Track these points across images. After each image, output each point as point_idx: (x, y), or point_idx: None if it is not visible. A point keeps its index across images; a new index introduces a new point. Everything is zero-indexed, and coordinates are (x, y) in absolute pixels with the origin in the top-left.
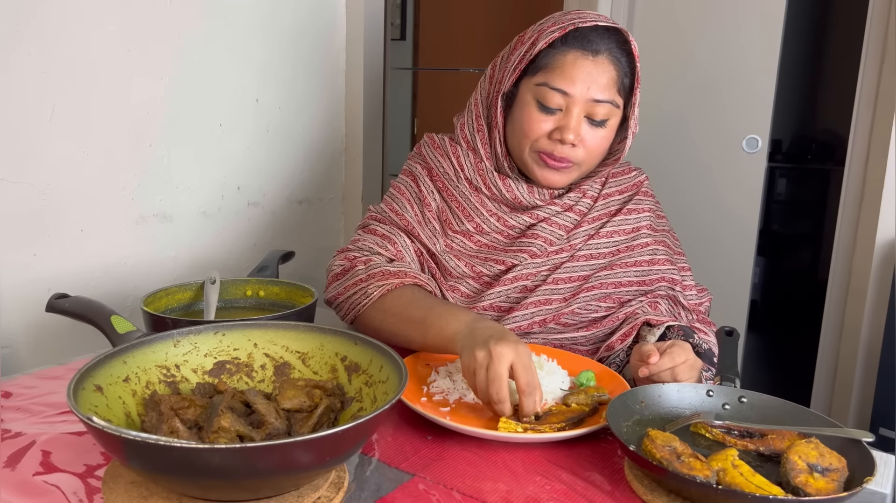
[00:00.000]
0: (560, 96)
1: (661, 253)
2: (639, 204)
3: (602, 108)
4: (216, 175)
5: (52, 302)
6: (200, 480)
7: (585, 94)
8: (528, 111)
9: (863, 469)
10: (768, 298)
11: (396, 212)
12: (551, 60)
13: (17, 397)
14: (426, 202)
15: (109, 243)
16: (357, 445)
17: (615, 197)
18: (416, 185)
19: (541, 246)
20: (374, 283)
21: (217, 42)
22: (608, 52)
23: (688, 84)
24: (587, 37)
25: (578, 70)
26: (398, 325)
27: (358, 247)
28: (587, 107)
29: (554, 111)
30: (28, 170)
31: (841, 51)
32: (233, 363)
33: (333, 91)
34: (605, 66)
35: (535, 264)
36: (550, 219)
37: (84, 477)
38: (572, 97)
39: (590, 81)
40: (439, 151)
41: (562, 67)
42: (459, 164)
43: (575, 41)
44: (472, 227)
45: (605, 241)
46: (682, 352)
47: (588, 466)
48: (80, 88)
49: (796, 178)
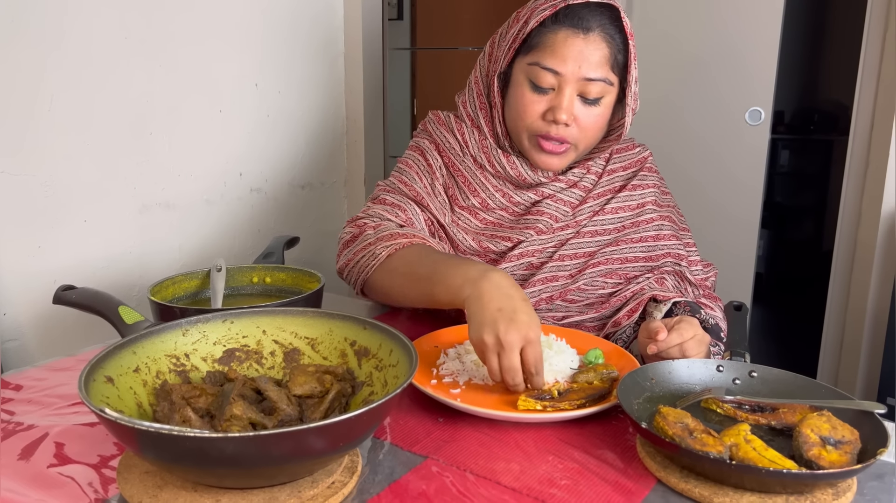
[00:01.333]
0: (551, 76)
1: (666, 228)
2: (643, 180)
3: (595, 87)
4: (218, 162)
5: (59, 294)
6: (215, 469)
7: (577, 73)
8: (521, 91)
9: (876, 440)
10: (773, 271)
11: (406, 183)
12: (542, 39)
13: (28, 390)
14: (434, 175)
15: (113, 233)
16: (370, 430)
17: (619, 173)
18: (424, 158)
19: (547, 222)
20: (381, 244)
21: (215, 28)
22: (600, 29)
23: (690, 58)
24: (578, 14)
25: (569, 48)
26: (406, 285)
27: (368, 214)
28: (580, 85)
29: (546, 91)
30: (29, 162)
31: (843, 20)
32: (242, 350)
33: (333, 74)
34: (598, 43)
35: (541, 240)
36: (555, 195)
37: (98, 467)
38: (563, 76)
39: (581, 60)
40: (445, 127)
41: (552, 46)
42: (464, 141)
43: (566, 19)
44: (477, 202)
45: (610, 218)
46: (690, 327)
47: (600, 444)
48: (78, 78)
49: (800, 150)
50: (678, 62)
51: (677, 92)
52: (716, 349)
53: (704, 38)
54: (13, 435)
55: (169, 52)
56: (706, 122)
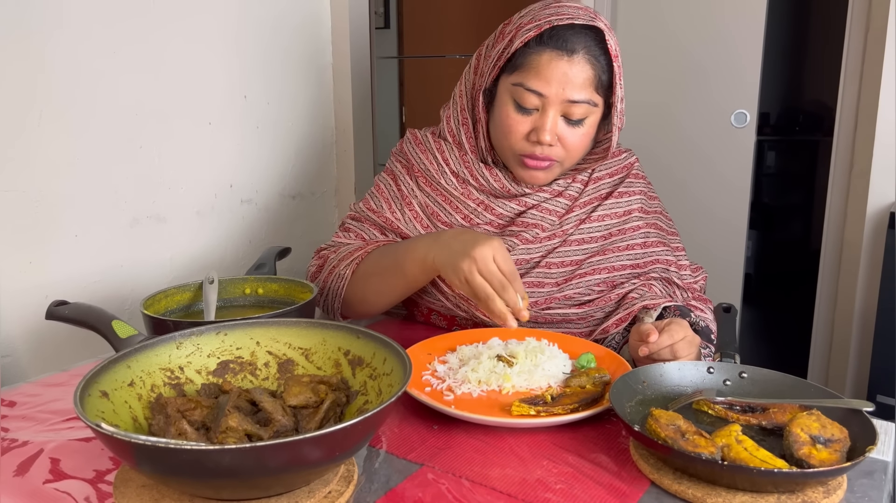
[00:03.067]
0: (535, 97)
1: (653, 235)
2: (630, 187)
3: (579, 108)
4: (208, 174)
5: (51, 309)
6: (212, 481)
7: (561, 95)
8: (505, 111)
9: (864, 438)
10: (762, 271)
11: (373, 209)
12: (527, 60)
13: (21, 405)
14: (407, 201)
15: (105, 247)
16: (365, 439)
17: (606, 180)
18: (396, 183)
19: (533, 232)
20: (343, 264)
21: (202, 40)
22: (585, 51)
23: (674, 62)
24: (563, 36)
25: (553, 70)
26: (378, 284)
27: (329, 245)
28: (563, 107)
29: (530, 111)
30: (19, 177)
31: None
32: (236, 362)
33: (321, 84)
34: (582, 65)
35: (528, 250)
36: (540, 205)
37: (94, 482)
38: (547, 98)
39: (565, 82)
40: (421, 148)
41: (537, 68)
42: (444, 159)
43: (550, 41)
44: (460, 217)
45: (596, 226)
46: (681, 328)
47: (594, 448)
48: (66, 93)
49: (785, 151)
50: (664, 67)
51: (664, 96)
52: (706, 351)
53: (689, 42)
54: (8, 451)
55: (158, 66)
56: (693, 125)
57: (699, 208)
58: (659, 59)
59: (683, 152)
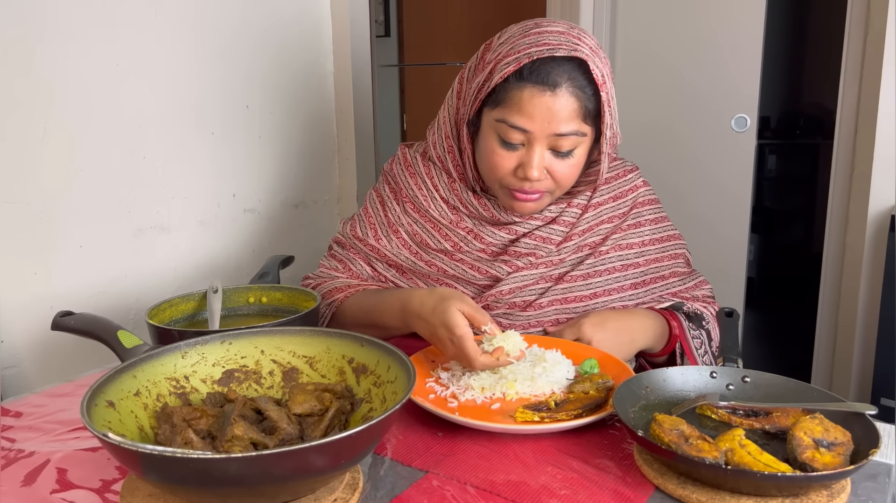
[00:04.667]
0: (520, 133)
1: (664, 269)
2: (637, 218)
3: (566, 141)
4: (211, 183)
5: (57, 320)
6: (218, 489)
7: (546, 130)
8: (490, 146)
9: (868, 441)
10: (764, 275)
11: (359, 238)
12: (508, 95)
13: (28, 416)
14: (394, 228)
15: (109, 258)
16: (370, 446)
17: (609, 204)
18: (383, 208)
19: (527, 260)
20: (323, 304)
21: (205, 50)
22: (568, 83)
23: (674, 68)
24: (544, 70)
25: (536, 106)
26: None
27: (316, 274)
28: (550, 140)
29: (516, 146)
30: (24, 189)
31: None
32: (241, 371)
33: (323, 93)
34: (566, 98)
35: (522, 277)
36: (532, 233)
37: (101, 492)
38: (532, 133)
39: (549, 117)
40: (410, 171)
41: (519, 104)
42: (434, 185)
43: (531, 75)
44: (449, 245)
45: (602, 260)
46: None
47: (598, 453)
48: (70, 105)
49: (786, 154)
50: (663, 73)
51: (664, 101)
52: (695, 332)
53: (689, 48)
54: (15, 462)
55: (160, 77)
56: (693, 129)
57: (700, 212)
58: (659, 65)
59: (684, 157)
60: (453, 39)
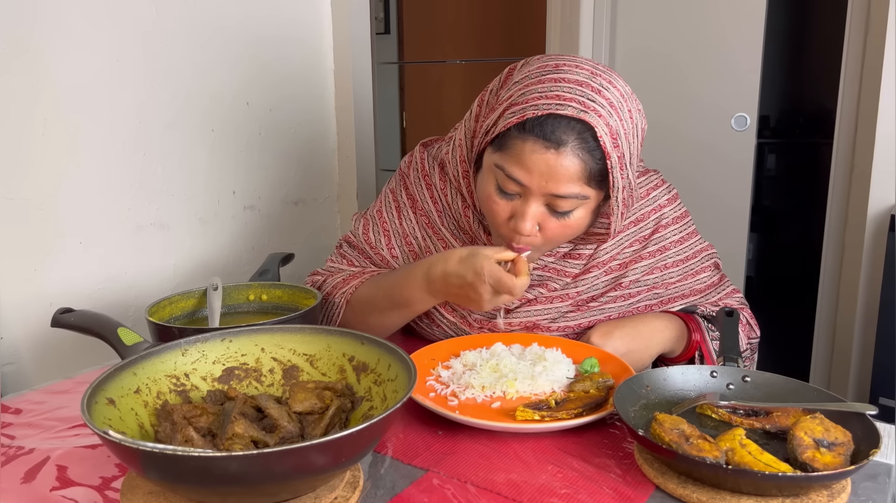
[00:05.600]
0: (516, 184)
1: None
2: (661, 242)
3: (565, 202)
4: (211, 181)
5: (57, 317)
6: (219, 487)
7: (544, 188)
8: (487, 190)
9: (868, 441)
10: (764, 274)
11: (371, 245)
12: (510, 143)
13: (27, 413)
14: (407, 240)
15: (109, 255)
16: (371, 444)
17: (630, 230)
18: (399, 216)
19: (538, 292)
20: (337, 292)
21: (205, 47)
22: (575, 144)
23: (674, 67)
24: (550, 125)
25: (536, 162)
26: (376, 314)
27: (328, 268)
28: (547, 198)
29: (512, 196)
30: (24, 186)
31: (825, 24)
32: (241, 369)
33: (323, 90)
34: (569, 159)
35: (536, 311)
36: (546, 266)
37: (101, 489)
38: (529, 188)
39: (548, 175)
40: (427, 181)
41: (519, 155)
42: (447, 203)
43: (535, 129)
44: None
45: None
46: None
47: (598, 452)
48: (70, 102)
49: (786, 153)
50: (663, 72)
51: (664, 100)
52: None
53: (689, 47)
54: (15, 459)
55: (160, 74)
56: (693, 128)
57: (699, 211)
58: (658, 64)
59: (684, 156)
60: (453, 36)
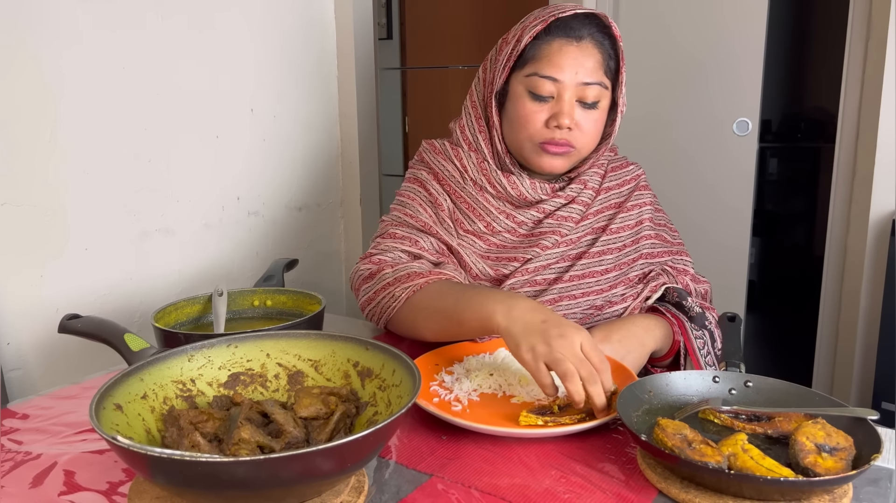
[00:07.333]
0: (550, 83)
1: (658, 246)
2: (639, 198)
3: (592, 91)
4: (215, 187)
5: (64, 323)
6: (225, 492)
7: (574, 79)
8: (521, 103)
9: (869, 446)
10: (766, 278)
11: (411, 215)
12: (538, 51)
13: (34, 418)
14: (438, 203)
15: (114, 260)
16: (376, 450)
17: (615, 191)
18: (425, 189)
19: (552, 239)
20: (400, 286)
21: (209, 54)
22: (591, 37)
23: (676, 71)
24: (569, 25)
25: (565, 56)
26: (430, 319)
27: (381, 250)
28: (578, 90)
29: (546, 99)
30: (31, 192)
31: (827, 28)
32: (247, 374)
33: (326, 96)
34: (590, 50)
35: (546, 257)
36: (556, 212)
37: (108, 494)
38: (562, 83)
39: (577, 66)
40: (442, 156)
41: (549, 56)
42: (463, 166)
43: (558, 30)
44: (483, 226)
45: (614, 237)
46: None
47: (602, 457)
48: (77, 108)
49: (787, 158)
50: (665, 76)
51: (665, 105)
52: (699, 333)
53: (690, 51)
54: (22, 464)
55: (166, 81)
56: (694, 133)
57: (701, 215)
58: (660, 68)
59: (686, 160)
60: (455, 42)
